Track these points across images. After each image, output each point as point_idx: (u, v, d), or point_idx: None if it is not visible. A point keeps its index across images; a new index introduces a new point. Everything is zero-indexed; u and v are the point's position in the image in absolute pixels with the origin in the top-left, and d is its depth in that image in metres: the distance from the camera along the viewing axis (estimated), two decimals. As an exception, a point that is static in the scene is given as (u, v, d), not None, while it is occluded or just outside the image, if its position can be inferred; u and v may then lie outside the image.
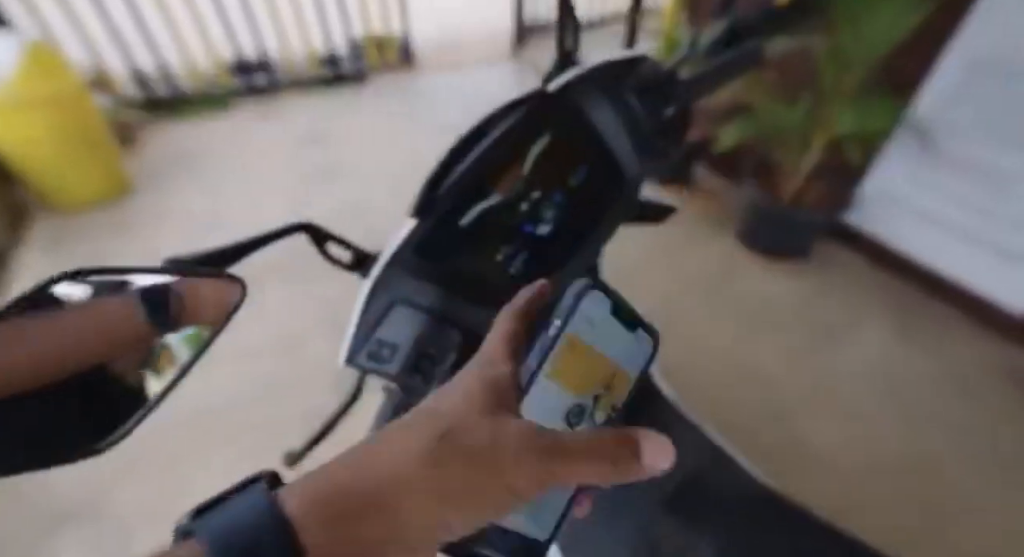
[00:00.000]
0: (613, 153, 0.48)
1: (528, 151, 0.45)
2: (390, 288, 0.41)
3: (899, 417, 1.36)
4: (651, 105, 0.49)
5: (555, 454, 0.19)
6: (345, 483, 0.18)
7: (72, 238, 1.96)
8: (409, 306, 0.41)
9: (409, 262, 0.41)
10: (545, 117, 0.46)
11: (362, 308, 0.41)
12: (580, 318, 0.23)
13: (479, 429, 0.19)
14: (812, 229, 1.81)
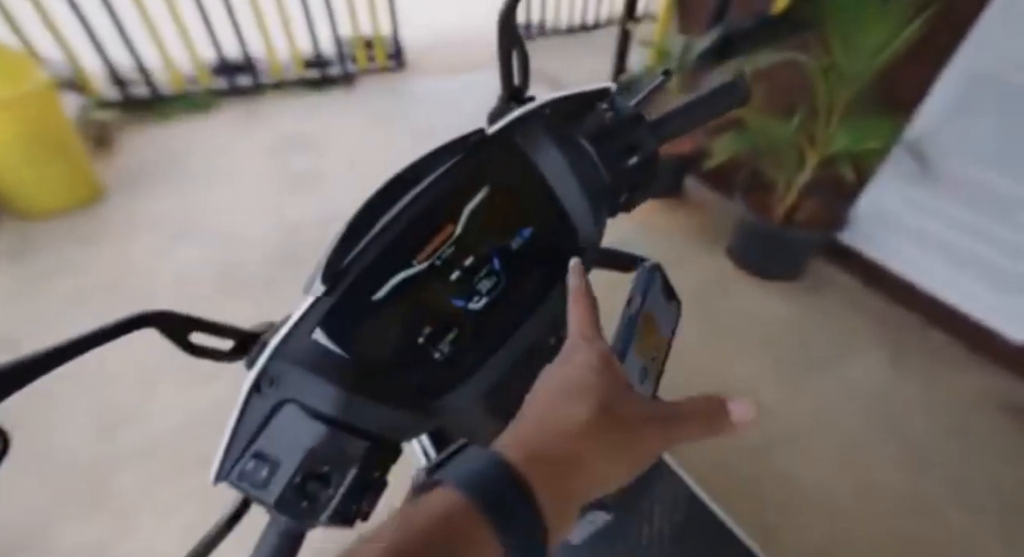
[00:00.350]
0: (564, 210, 0.41)
1: (462, 207, 0.38)
2: (278, 384, 0.32)
3: (893, 452, 1.30)
4: (611, 152, 0.42)
5: (671, 419, 0.25)
6: (546, 447, 0.23)
7: (37, 247, 1.88)
8: (300, 408, 0.32)
9: (303, 350, 0.33)
10: (483, 166, 0.39)
11: (240, 408, 0.33)
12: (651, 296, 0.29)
13: (623, 402, 0.25)
14: (805, 248, 1.75)
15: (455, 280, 0.37)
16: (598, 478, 0.23)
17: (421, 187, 0.37)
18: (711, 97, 0.46)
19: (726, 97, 0.46)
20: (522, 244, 0.39)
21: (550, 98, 0.42)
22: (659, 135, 0.44)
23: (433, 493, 0.21)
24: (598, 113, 0.42)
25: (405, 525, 0.20)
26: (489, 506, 0.21)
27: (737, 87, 0.45)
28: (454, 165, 0.39)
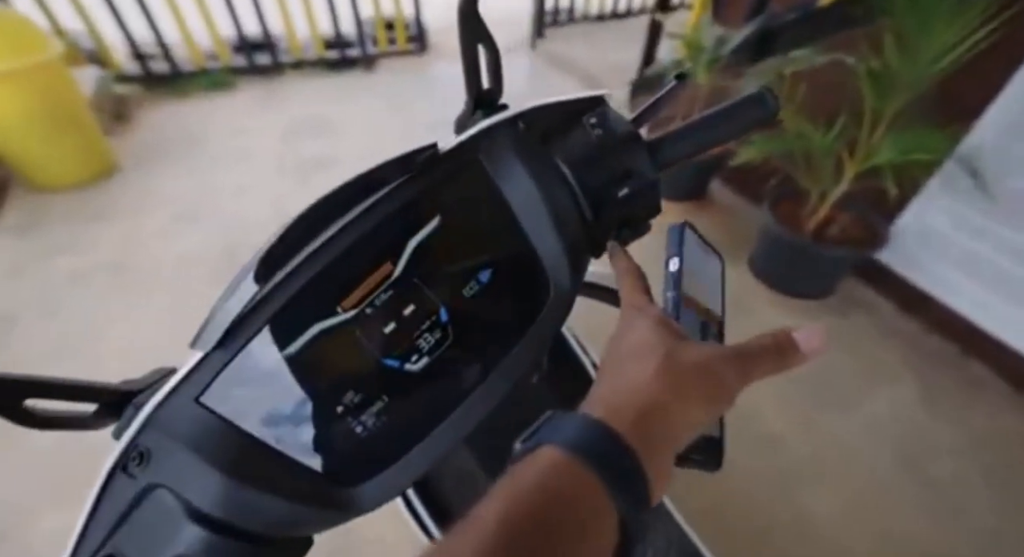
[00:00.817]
0: (533, 251, 0.33)
1: (404, 242, 0.30)
2: (148, 462, 0.25)
3: (919, 498, 1.18)
4: (597, 180, 0.33)
5: (742, 357, 0.26)
6: (627, 403, 0.24)
7: (45, 222, 1.88)
8: (173, 498, 0.25)
9: (186, 420, 0.26)
10: (436, 190, 0.31)
11: (98, 491, 0.27)
12: (689, 254, 0.30)
13: (688, 349, 0.25)
14: (835, 266, 1.61)
15: (389, 334, 0.30)
16: (681, 423, 0.24)
17: (355, 214, 0.30)
18: (730, 112, 0.36)
19: (748, 113, 0.36)
20: (478, 290, 0.32)
21: (526, 108, 0.34)
22: (660, 160, 0.35)
23: (538, 455, 0.22)
24: (584, 130, 0.34)
25: (514, 489, 0.21)
26: (599, 465, 0.21)
27: (763, 101, 0.36)
28: (399, 188, 0.31)
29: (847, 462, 1.25)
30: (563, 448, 0.21)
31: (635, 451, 0.22)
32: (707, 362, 0.25)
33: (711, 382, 0.24)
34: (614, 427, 0.22)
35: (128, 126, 2.53)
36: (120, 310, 1.53)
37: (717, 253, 0.33)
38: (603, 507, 0.21)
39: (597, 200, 0.33)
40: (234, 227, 1.91)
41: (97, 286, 1.63)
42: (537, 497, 0.20)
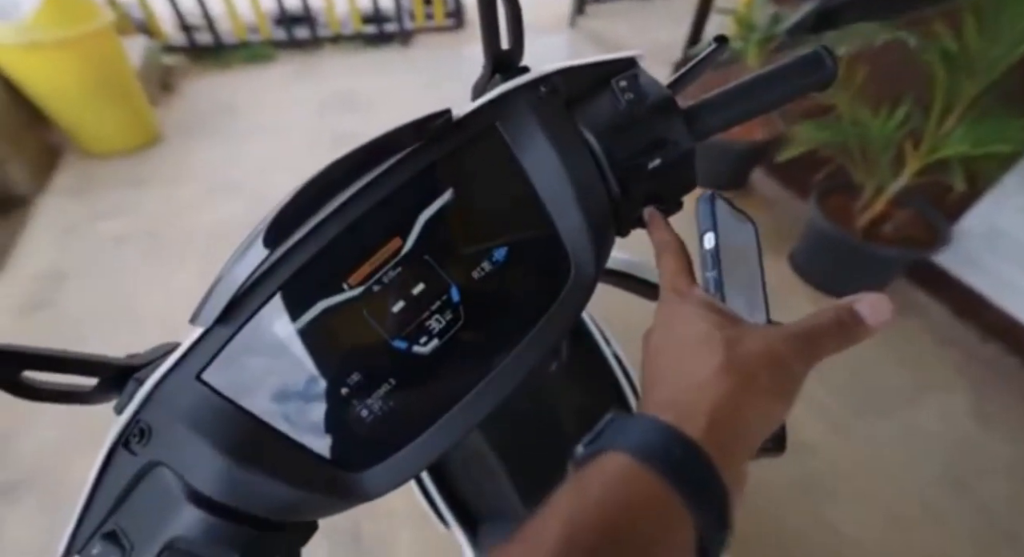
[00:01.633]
0: (554, 228, 0.29)
1: (415, 216, 0.28)
2: (149, 439, 0.25)
3: (966, 521, 1.09)
4: (626, 150, 0.30)
5: (804, 338, 0.23)
6: (695, 405, 0.21)
7: (96, 186, 1.97)
8: (173, 477, 0.24)
9: (186, 398, 0.25)
10: (449, 160, 0.29)
11: (99, 467, 0.25)
12: (723, 226, 0.28)
13: (748, 337, 0.23)
14: (887, 266, 1.50)
15: (397, 313, 0.27)
16: (756, 421, 0.22)
17: (362, 184, 0.28)
18: (781, 75, 0.32)
19: (803, 75, 0.31)
20: (492, 270, 0.29)
21: (548, 70, 0.30)
22: (698, 128, 0.31)
23: (604, 461, 0.20)
24: (613, 94, 0.30)
25: (580, 498, 0.19)
26: (675, 475, 0.19)
27: (820, 62, 0.31)
28: (409, 157, 0.28)
29: (886, 477, 1.17)
30: (633, 454, 0.19)
31: (712, 459, 0.20)
32: (773, 348, 0.22)
33: (781, 371, 0.22)
34: (687, 432, 0.20)
35: (173, 96, 2.60)
36: (157, 276, 1.59)
37: (750, 220, 0.30)
38: (678, 522, 0.19)
39: (625, 172, 0.30)
40: (267, 201, 1.93)
41: (137, 251, 1.70)
42: (605, 509, 0.18)
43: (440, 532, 0.96)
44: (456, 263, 0.28)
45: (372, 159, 0.27)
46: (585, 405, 0.70)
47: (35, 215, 1.80)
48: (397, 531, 1.03)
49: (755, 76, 0.32)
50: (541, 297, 0.29)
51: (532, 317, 0.29)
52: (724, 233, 0.28)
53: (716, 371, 0.22)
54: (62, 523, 0.24)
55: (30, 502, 1.07)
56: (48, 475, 1.12)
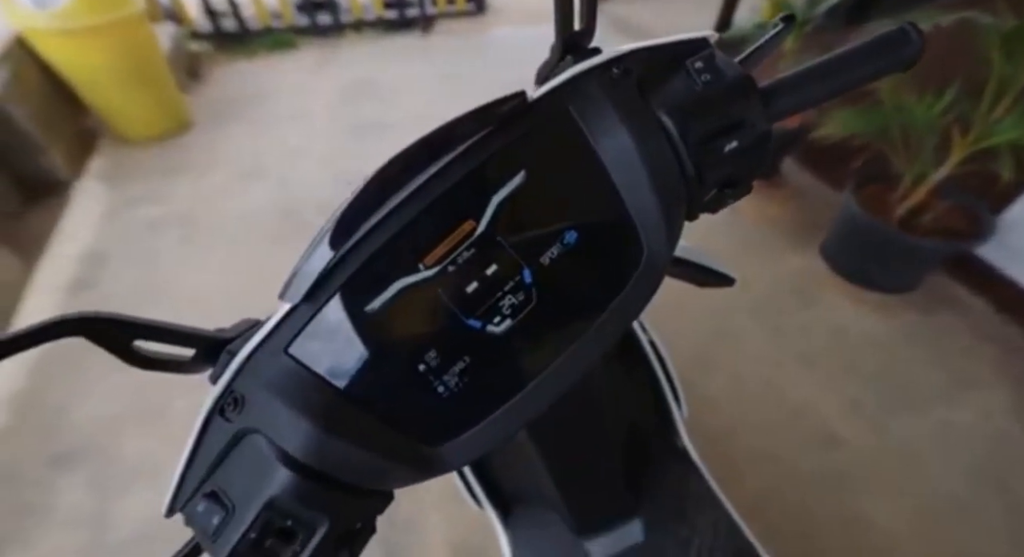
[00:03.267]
0: (626, 210, 0.29)
1: (488, 198, 0.28)
2: (243, 408, 0.26)
3: (1003, 521, 1.07)
4: (702, 132, 0.29)
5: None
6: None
7: (131, 172, 2.02)
8: (266, 443, 0.25)
9: (275, 369, 0.26)
10: (521, 143, 0.29)
11: (198, 432, 0.27)
12: None
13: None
14: (926, 258, 1.45)
15: (471, 293, 0.28)
16: None
17: (437, 167, 0.28)
18: (862, 54, 0.30)
19: (885, 54, 0.30)
20: (563, 252, 0.29)
21: (621, 51, 0.29)
22: (774, 109, 0.30)
23: None
24: (689, 76, 0.29)
25: None
26: None
27: (906, 39, 0.29)
28: (483, 140, 0.28)
29: (918, 472, 1.15)
30: None
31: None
32: None
33: None
34: None
35: (200, 83, 2.64)
36: (191, 259, 1.64)
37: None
38: None
39: (700, 155, 0.29)
40: (291, 188, 1.97)
41: (172, 235, 1.75)
42: None
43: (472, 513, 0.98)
44: (528, 245, 0.28)
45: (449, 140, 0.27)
46: (622, 393, 0.70)
47: (74, 199, 1.86)
48: (427, 513, 1.06)
49: (834, 55, 0.31)
50: (613, 280, 0.29)
51: (604, 300, 0.29)
52: None
53: None
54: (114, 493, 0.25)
55: (83, 472, 1.13)
56: (100, 448, 1.17)
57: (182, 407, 1.26)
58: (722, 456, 1.18)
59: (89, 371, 1.29)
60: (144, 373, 0.28)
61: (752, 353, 1.39)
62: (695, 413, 0.70)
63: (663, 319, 0.70)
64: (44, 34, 1.73)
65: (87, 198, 1.87)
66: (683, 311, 1.47)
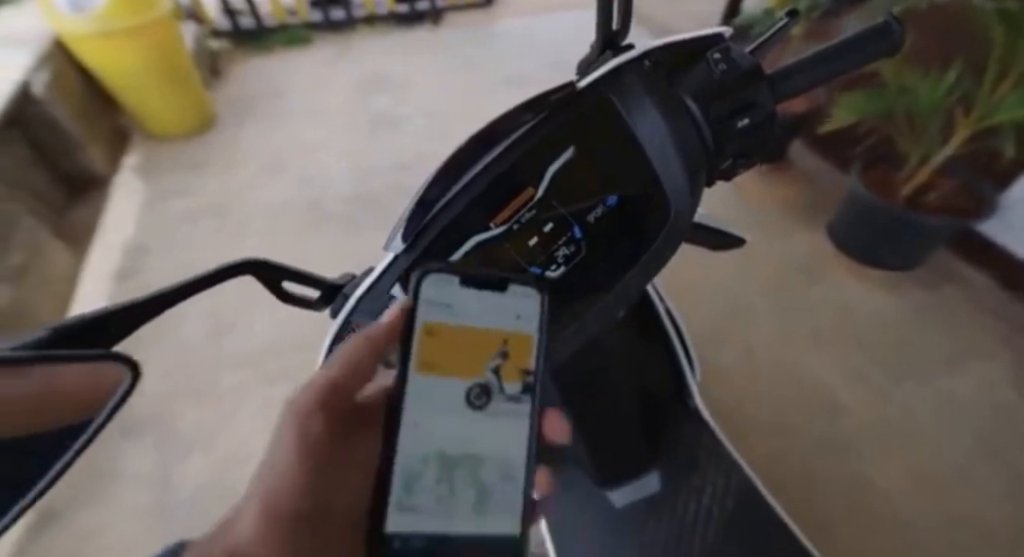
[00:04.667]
0: (658, 178, 0.36)
1: (544, 169, 0.35)
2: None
3: (1001, 485, 1.13)
4: (720, 111, 0.36)
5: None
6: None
7: (162, 167, 2.12)
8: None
9: (382, 306, 0.34)
10: (571, 124, 0.36)
11: (324, 359, 0.35)
12: (427, 305, 0.21)
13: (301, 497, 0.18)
14: (931, 236, 1.50)
15: (532, 246, 0.35)
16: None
17: (504, 146, 0.35)
18: (852, 44, 0.37)
19: (871, 44, 0.37)
20: (605, 212, 0.36)
21: (651, 46, 0.37)
22: (780, 92, 0.37)
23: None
24: (709, 65, 0.36)
25: None
26: None
27: (888, 32, 0.36)
28: (539, 122, 0.36)
29: (920, 439, 1.21)
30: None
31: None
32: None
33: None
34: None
35: (221, 80, 2.72)
36: (225, 248, 1.73)
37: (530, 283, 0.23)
38: None
39: (718, 131, 0.36)
40: (313, 180, 2.05)
41: (205, 227, 1.85)
42: None
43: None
44: (577, 206, 0.36)
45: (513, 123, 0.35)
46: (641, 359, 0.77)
47: (113, 194, 1.97)
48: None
49: (829, 45, 0.37)
50: (646, 235, 0.37)
51: (639, 250, 0.37)
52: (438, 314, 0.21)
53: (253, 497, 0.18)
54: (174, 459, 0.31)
55: (147, 441, 1.24)
56: (160, 419, 1.28)
57: (229, 384, 1.36)
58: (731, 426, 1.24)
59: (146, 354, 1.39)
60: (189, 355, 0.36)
61: (762, 329, 1.45)
62: (706, 385, 0.76)
63: (678, 297, 0.76)
64: (81, 36, 1.82)
65: (125, 192, 1.98)
66: (697, 290, 1.53)
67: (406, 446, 0.20)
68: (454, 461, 0.21)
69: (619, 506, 0.67)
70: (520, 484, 0.21)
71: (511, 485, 0.21)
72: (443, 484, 0.20)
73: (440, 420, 0.21)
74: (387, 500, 0.20)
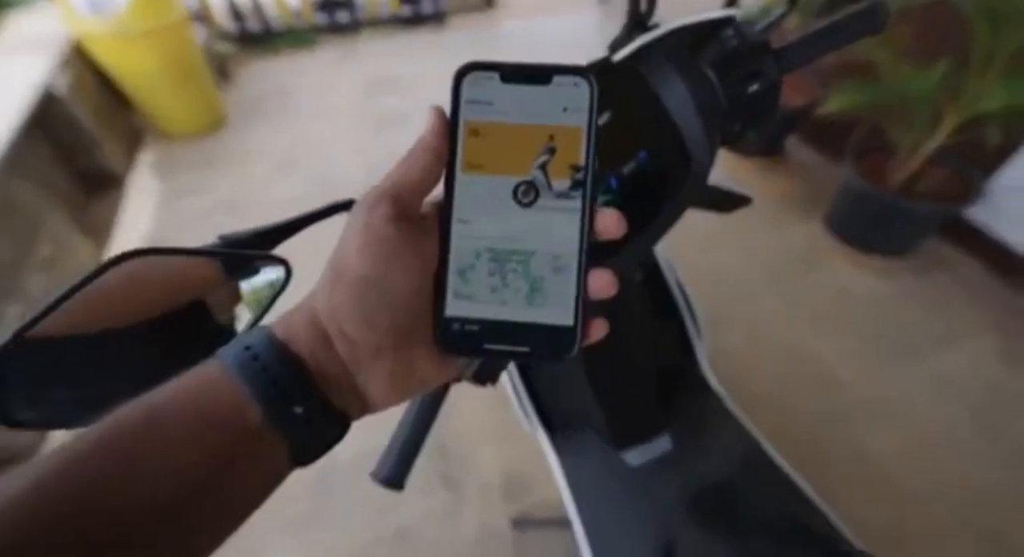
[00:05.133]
0: (681, 136, 0.42)
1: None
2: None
3: (992, 451, 1.19)
4: (732, 80, 0.42)
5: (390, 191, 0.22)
6: (316, 315, 0.21)
7: (176, 165, 2.17)
8: None
9: None
10: (606, 92, 0.42)
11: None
12: (469, 105, 0.22)
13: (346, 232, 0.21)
14: (922, 222, 1.57)
15: None
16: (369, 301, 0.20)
17: None
18: (841, 24, 0.43)
19: (860, 23, 0.43)
20: (636, 167, 0.42)
21: (673, 26, 0.43)
22: (783, 64, 0.43)
23: (204, 368, 0.20)
24: (723, 40, 0.42)
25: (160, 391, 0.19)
26: (254, 385, 0.19)
27: (872, 13, 0.42)
28: None
29: (913, 410, 1.28)
30: (221, 360, 0.20)
31: (305, 366, 0.20)
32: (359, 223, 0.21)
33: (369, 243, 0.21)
34: (289, 340, 0.20)
35: (229, 82, 2.78)
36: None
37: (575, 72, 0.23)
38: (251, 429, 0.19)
39: (731, 95, 0.42)
40: (325, 178, 2.11)
41: (220, 223, 1.89)
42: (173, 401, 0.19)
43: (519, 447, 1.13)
44: (613, 162, 0.42)
45: None
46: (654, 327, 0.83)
47: (129, 191, 2.02)
48: (477, 447, 1.21)
49: (824, 25, 0.43)
50: (672, 184, 0.43)
51: (665, 198, 0.43)
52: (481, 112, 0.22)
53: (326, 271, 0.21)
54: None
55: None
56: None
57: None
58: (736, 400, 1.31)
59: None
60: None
61: (764, 313, 1.52)
62: (712, 365, 0.81)
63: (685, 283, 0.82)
64: (99, 38, 1.87)
65: (141, 190, 2.03)
66: (702, 278, 1.59)
67: (458, 241, 0.22)
68: (505, 255, 0.22)
69: (634, 465, 0.71)
70: (573, 277, 0.22)
71: (563, 277, 0.22)
72: (495, 277, 0.22)
73: (488, 217, 0.22)
74: (445, 289, 0.22)
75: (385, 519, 1.10)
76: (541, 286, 0.22)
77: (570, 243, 0.22)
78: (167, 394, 0.19)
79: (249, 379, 0.19)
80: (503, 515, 1.10)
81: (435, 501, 1.13)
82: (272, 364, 0.19)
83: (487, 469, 1.17)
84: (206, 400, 0.19)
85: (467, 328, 0.22)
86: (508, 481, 1.15)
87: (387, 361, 0.21)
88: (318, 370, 0.20)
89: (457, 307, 0.22)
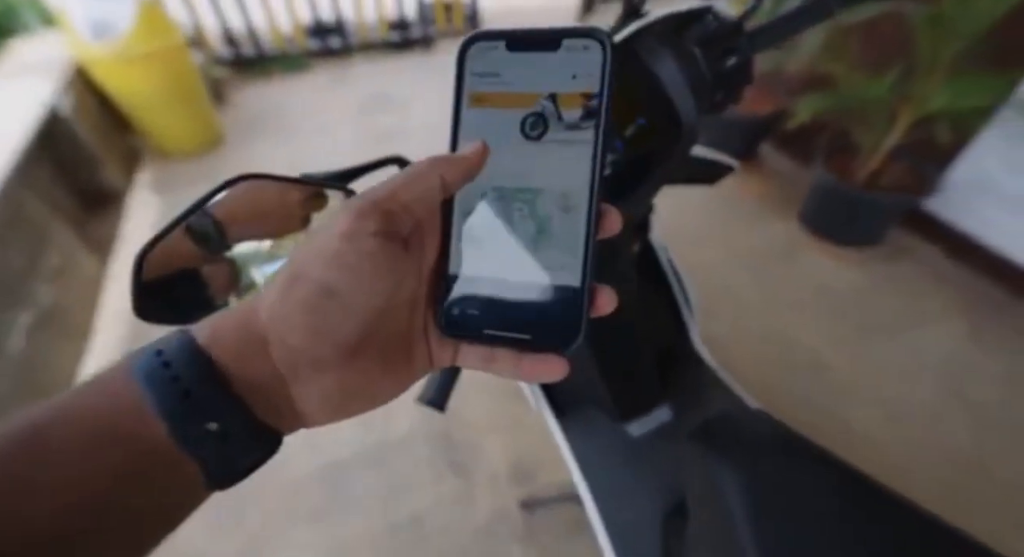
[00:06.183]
0: (673, 104, 0.51)
1: None
2: None
3: (962, 418, 1.29)
4: (714, 56, 0.51)
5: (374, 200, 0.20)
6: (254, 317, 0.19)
7: (176, 182, 2.22)
8: None
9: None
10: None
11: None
12: (473, 77, 0.22)
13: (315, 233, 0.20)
14: (885, 215, 1.70)
15: None
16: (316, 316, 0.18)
17: None
18: (801, 11, 0.52)
19: (815, 11, 0.52)
20: (637, 130, 0.50)
21: (664, 14, 0.52)
22: (755, 43, 0.52)
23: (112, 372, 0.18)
24: (705, 22, 0.51)
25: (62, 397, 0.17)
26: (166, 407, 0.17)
27: (824, 3, 0.52)
28: None
29: (889, 386, 1.37)
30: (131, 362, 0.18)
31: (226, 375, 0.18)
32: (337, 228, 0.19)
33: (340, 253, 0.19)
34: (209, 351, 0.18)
35: (225, 105, 2.86)
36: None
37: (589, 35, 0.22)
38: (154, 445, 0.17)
39: (713, 69, 0.51)
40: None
41: (222, 235, 1.94)
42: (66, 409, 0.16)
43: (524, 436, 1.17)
44: (618, 127, 0.50)
45: None
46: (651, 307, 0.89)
47: (130, 208, 2.05)
48: (484, 436, 1.25)
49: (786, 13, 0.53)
50: (666, 147, 0.51)
51: (661, 158, 0.51)
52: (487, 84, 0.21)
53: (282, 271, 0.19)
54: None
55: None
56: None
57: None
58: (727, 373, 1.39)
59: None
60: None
61: (748, 302, 1.61)
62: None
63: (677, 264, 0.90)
64: (102, 62, 1.94)
65: (142, 206, 2.06)
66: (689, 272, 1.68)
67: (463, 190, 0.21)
68: (511, 195, 0.20)
69: (636, 436, 0.75)
70: (582, 217, 0.20)
71: (572, 218, 0.20)
72: (501, 219, 0.20)
73: (494, 152, 0.20)
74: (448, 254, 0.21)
75: (398, 507, 1.13)
76: (548, 227, 0.20)
77: (580, 180, 0.20)
78: (59, 406, 0.16)
79: (156, 389, 0.17)
80: (512, 499, 1.14)
81: (446, 488, 1.16)
82: (185, 373, 0.17)
83: (494, 457, 1.21)
84: (106, 413, 0.17)
85: (468, 311, 0.21)
86: (515, 468, 1.19)
87: (328, 376, 0.19)
88: (243, 379, 0.18)
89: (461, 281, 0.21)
